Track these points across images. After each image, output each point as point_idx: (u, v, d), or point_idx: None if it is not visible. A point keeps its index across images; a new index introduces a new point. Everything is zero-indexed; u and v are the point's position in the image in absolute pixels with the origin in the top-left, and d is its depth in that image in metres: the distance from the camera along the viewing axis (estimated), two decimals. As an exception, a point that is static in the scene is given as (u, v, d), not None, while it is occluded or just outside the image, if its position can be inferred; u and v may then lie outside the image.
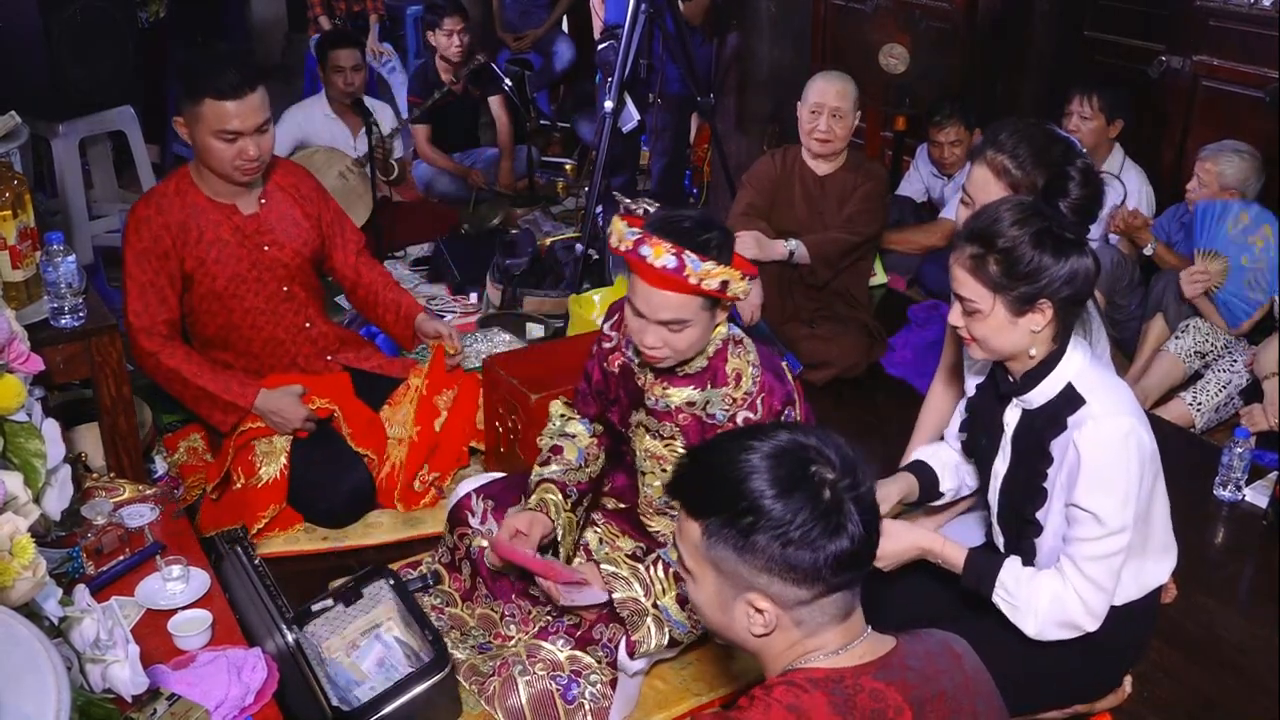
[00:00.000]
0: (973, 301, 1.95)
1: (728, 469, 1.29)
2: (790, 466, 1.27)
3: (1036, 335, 1.94)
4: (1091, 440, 1.91)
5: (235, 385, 2.79)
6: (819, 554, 1.25)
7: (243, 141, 2.65)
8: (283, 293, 2.90)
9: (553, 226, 5.00)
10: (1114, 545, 1.93)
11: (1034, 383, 1.99)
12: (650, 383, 2.26)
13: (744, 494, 1.27)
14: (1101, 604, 1.97)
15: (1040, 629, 1.98)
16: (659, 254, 1.98)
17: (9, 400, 1.77)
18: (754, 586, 1.29)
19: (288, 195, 2.91)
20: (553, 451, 2.42)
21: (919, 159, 4.82)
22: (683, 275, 1.98)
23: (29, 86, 3.65)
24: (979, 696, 1.37)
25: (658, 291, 2.02)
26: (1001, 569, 2.02)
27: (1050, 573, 2.00)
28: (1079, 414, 1.94)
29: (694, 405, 2.22)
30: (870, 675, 1.29)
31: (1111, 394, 1.97)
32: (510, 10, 6.41)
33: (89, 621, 1.57)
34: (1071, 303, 1.93)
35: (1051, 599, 1.97)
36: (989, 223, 1.93)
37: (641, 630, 2.20)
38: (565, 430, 2.47)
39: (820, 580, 1.27)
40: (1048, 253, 1.87)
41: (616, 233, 2.05)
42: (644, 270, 2.01)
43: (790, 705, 1.26)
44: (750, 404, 2.19)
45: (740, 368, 2.20)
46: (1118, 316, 3.93)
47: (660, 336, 2.08)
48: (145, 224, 2.73)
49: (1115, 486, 1.91)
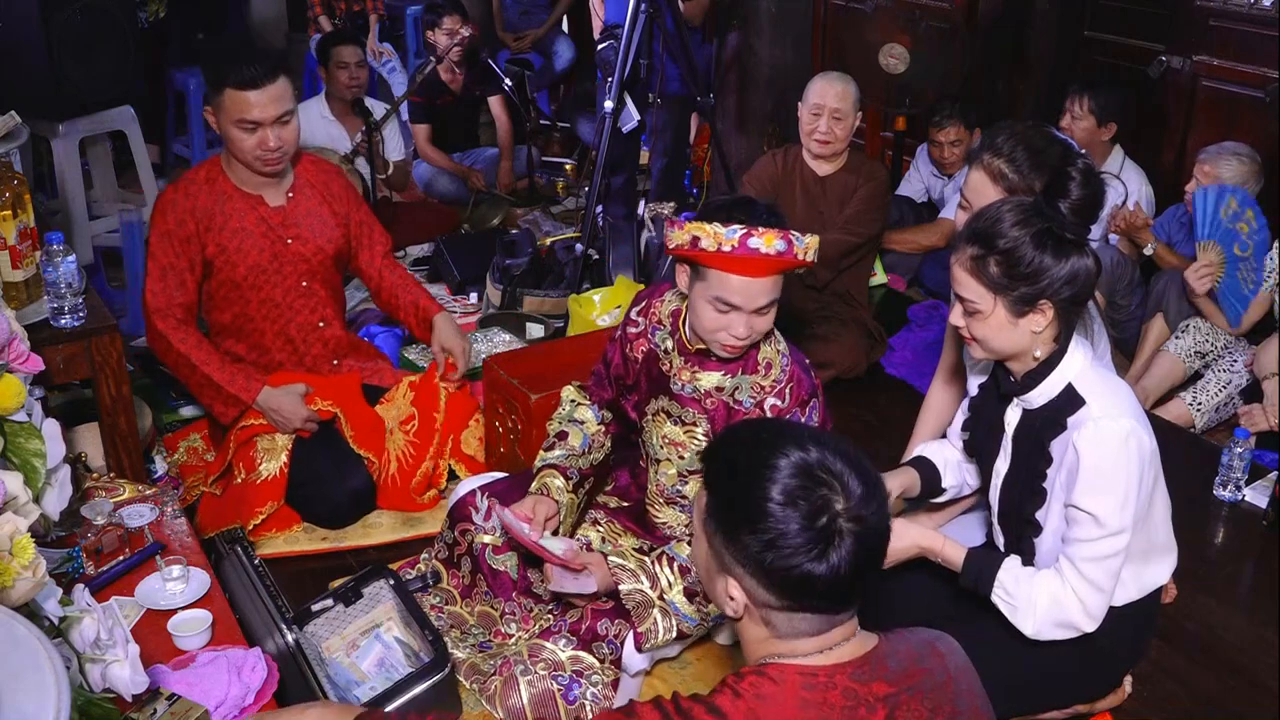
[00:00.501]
0: (973, 302, 1.95)
1: (751, 460, 1.30)
2: (804, 481, 1.27)
3: (1038, 336, 1.94)
4: (1091, 441, 1.91)
5: (240, 379, 2.80)
6: (793, 570, 1.26)
7: (263, 132, 2.68)
8: (301, 287, 2.91)
9: (553, 226, 5.00)
10: (1113, 546, 1.93)
11: (1035, 383, 1.99)
12: (678, 368, 2.30)
13: (750, 489, 1.28)
14: (1100, 605, 1.96)
15: (1038, 629, 1.98)
16: (770, 241, 2.01)
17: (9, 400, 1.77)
18: (732, 572, 1.32)
19: (316, 192, 2.93)
20: (558, 437, 2.45)
21: (919, 159, 4.82)
22: (793, 254, 2.03)
23: (29, 86, 3.65)
24: (959, 696, 1.37)
25: (759, 280, 2.06)
26: (1000, 569, 2.02)
27: (1049, 573, 1.99)
28: (1079, 415, 1.94)
29: (723, 391, 2.26)
30: (846, 674, 1.30)
31: (1112, 395, 1.97)
32: (511, 10, 6.42)
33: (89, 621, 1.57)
34: (1072, 303, 1.93)
35: (1050, 599, 1.97)
36: (990, 223, 1.93)
37: (648, 622, 2.20)
38: (574, 416, 2.49)
39: (789, 595, 1.28)
40: (1048, 253, 1.87)
41: (709, 236, 2.02)
42: (750, 262, 2.03)
43: (760, 695, 1.27)
44: (779, 391, 2.24)
45: (771, 357, 2.26)
46: (1118, 316, 3.93)
47: (750, 326, 2.12)
48: (172, 207, 2.78)
49: (1115, 488, 1.91)
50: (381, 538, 2.87)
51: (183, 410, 3.38)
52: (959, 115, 4.46)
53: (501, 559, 2.44)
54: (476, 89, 5.43)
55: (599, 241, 4.20)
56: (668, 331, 2.35)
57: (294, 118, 2.74)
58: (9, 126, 2.82)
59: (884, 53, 4.58)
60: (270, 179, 2.82)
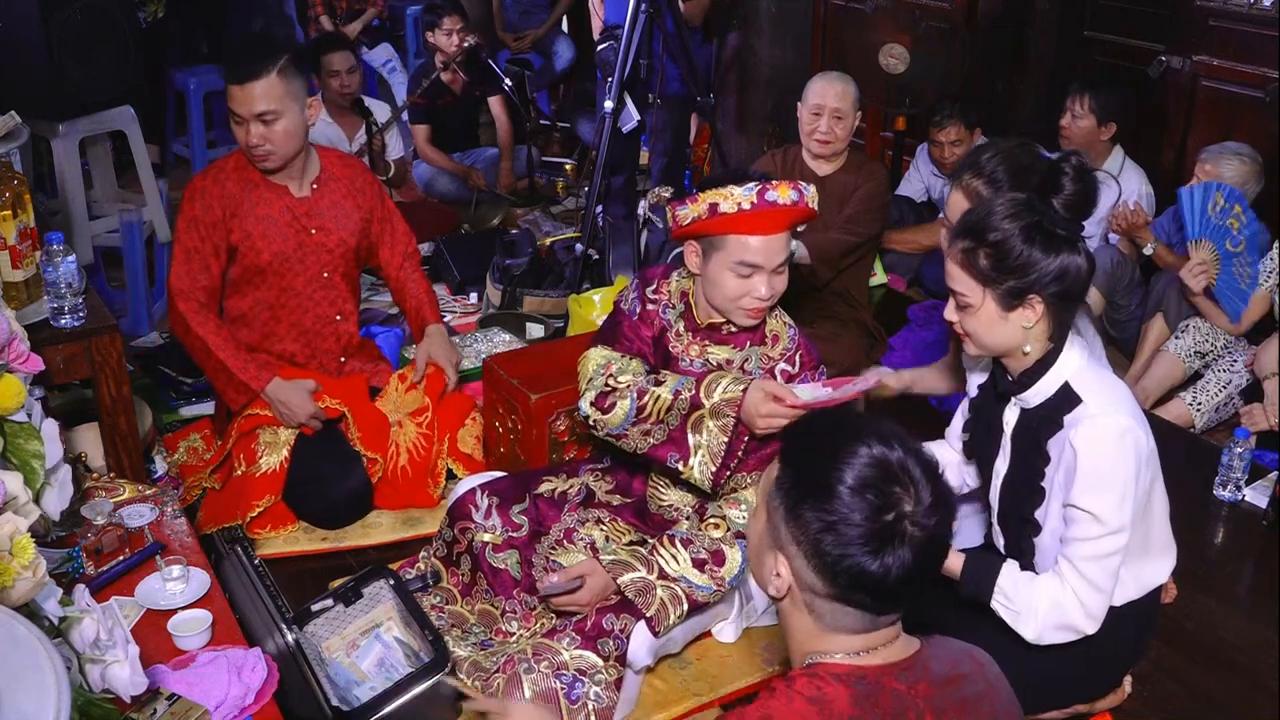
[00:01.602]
0: (964, 295, 1.97)
1: (833, 441, 1.30)
2: (880, 474, 1.27)
3: (1028, 331, 1.95)
4: (1087, 439, 1.91)
5: (253, 367, 2.84)
6: (845, 560, 1.25)
7: (245, 126, 2.73)
8: (322, 279, 2.95)
9: (553, 226, 5.00)
10: (1112, 545, 1.93)
11: (1031, 381, 1.99)
12: (687, 344, 2.35)
13: (825, 467, 1.28)
14: (1100, 605, 1.96)
15: (1040, 634, 1.98)
16: (785, 192, 2.13)
17: (9, 400, 1.77)
18: (784, 549, 1.32)
19: (341, 185, 2.97)
20: (652, 375, 2.33)
21: (919, 159, 4.82)
22: (805, 202, 2.14)
23: (29, 86, 3.65)
24: (998, 704, 1.37)
25: (776, 236, 2.17)
26: (1000, 574, 2.01)
27: (1048, 576, 1.99)
28: (1075, 413, 1.94)
29: (732, 364, 2.33)
30: (893, 676, 1.30)
31: (1108, 393, 1.97)
32: (511, 10, 6.42)
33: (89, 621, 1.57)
34: (1063, 299, 1.92)
35: (1050, 603, 1.97)
36: (981, 216, 1.95)
37: (655, 605, 2.22)
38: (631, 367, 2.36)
39: (836, 585, 1.28)
40: (1037, 247, 1.88)
41: (728, 199, 2.12)
42: (767, 218, 2.13)
43: (812, 697, 1.26)
44: (789, 358, 2.33)
45: (778, 329, 2.35)
46: (1118, 316, 3.93)
47: (771, 285, 2.21)
48: (200, 193, 2.83)
49: (1112, 486, 1.91)
50: (381, 538, 2.87)
51: (183, 410, 3.39)
52: (959, 115, 4.46)
53: (502, 557, 2.44)
54: (476, 89, 5.43)
55: (599, 241, 4.20)
56: (678, 312, 2.39)
57: (281, 119, 2.73)
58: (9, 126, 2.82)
59: (884, 53, 4.58)
60: (293, 171, 2.86)
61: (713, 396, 2.20)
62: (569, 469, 2.65)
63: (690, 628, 2.38)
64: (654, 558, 2.27)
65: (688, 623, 2.33)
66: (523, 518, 2.49)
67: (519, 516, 2.49)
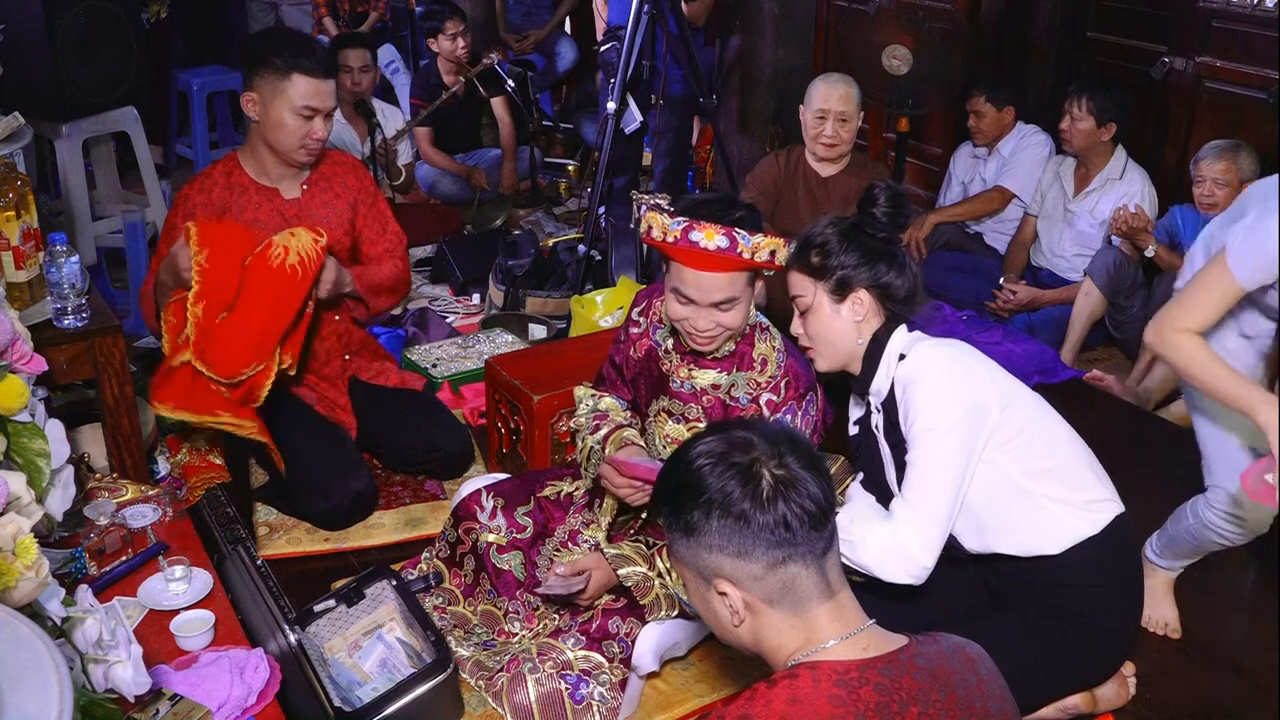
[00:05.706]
0: (802, 297, 2.15)
1: (680, 461, 1.38)
2: (724, 447, 1.35)
3: (860, 326, 2.11)
4: (908, 375, 2.05)
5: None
6: (742, 518, 1.30)
7: (316, 121, 2.75)
8: None
9: (555, 227, 5.01)
10: (945, 452, 2.00)
11: (873, 366, 2.12)
12: (676, 365, 2.33)
13: (684, 479, 1.35)
14: (934, 537, 2.01)
15: (879, 561, 2.02)
16: (710, 236, 2.06)
17: (12, 401, 1.77)
18: (712, 571, 1.35)
19: (332, 184, 2.97)
20: (597, 419, 2.43)
21: (954, 163, 4.75)
22: (736, 252, 2.06)
23: (33, 87, 3.66)
24: (991, 700, 1.37)
25: (708, 275, 2.10)
26: (842, 511, 2.09)
27: (884, 512, 2.09)
28: (901, 367, 2.08)
29: (719, 388, 2.29)
30: (877, 670, 1.29)
31: (932, 343, 2.10)
32: (513, 12, 6.42)
33: (91, 622, 1.57)
34: (887, 296, 2.10)
35: (887, 532, 2.03)
36: (809, 228, 2.18)
37: (651, 595, 2.26)
38: (598, 407, 2.47)
39: (758, 548, 1.31)
40: (855, 245, 2.10)
41: (658, 226, 2.10)
42: (695, 256, 2.08)
43: (791, 698, 1.26)
44: (774, 387, 2.26)
45: (766, 353, 2.29)
46: (1120, 318, 3.93)
47: (712, 319, 2.16)
48: (184, 202, 2.83)
49: (935, 397, 2.01)
50: (384, 538, 2.87)
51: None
52: (984, 89, 4.41)
53: (506, 558, 2.45)
54: (479, 91, 5.43)
55: (601, 242, 4.20)
56: (668, 330, 2.36)
57: (332, 113, 2.83)
58: (13, 127, 2.83)
59: (886, 54, 4.57)
60: (289, 171, 2.87)
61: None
62: (574, 471, 2.65)
63: (694, 634, 2.38)
64: (656, 558, 2.29)
65: (691, 628, 2.34)
66: (528, 519, 2.50)
67: (524, 518, 2.50)
